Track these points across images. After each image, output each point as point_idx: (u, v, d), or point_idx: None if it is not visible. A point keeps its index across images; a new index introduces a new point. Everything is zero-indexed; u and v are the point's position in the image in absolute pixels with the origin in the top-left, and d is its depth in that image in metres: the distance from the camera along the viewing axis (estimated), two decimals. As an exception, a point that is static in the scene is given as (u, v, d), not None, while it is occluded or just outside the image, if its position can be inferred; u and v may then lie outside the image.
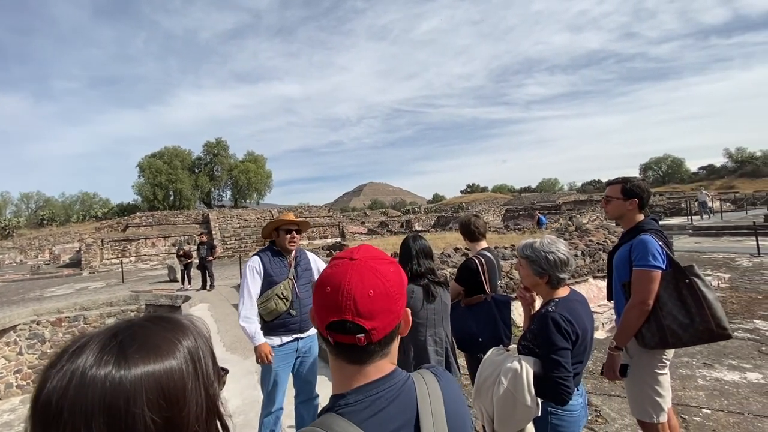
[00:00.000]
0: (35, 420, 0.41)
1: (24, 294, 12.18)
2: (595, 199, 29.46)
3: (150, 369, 0.45)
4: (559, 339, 1.58)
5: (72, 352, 0.45)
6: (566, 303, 1.69)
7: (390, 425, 0.67)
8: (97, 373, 0.43)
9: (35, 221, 38.08)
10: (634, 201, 2.21)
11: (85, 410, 0.41)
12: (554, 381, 1.56)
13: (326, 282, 0.70)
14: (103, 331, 0.49)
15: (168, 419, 0.45)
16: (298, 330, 2.79)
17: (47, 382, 0.42)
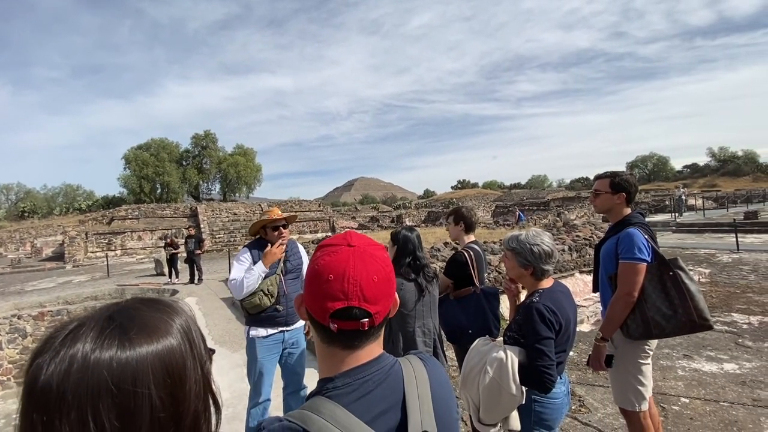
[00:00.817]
0: (34, 407, 0.41)
1: (4, 288, 11.90)
2: (583, 196, 29.93)
3: (153, 349, 0.47)
4: (543, 329, 1.62)
5: (65, 337, 0.45)
6: (550, 294, 1.73)
7: (377, 408, 0.67)
8: (101, 356, 0.44)
9: (15, 214, 37.14)
10: (622, 195, 2.25)
11: (91, 393, 0.42)
12: (538, 369, 1.59)
13: (327, 270, 0.69)
14: (94, 316, 0.48)
15: (172, 396, 0.47)
16: (284, 323, 2.79)
17: (42, 368, 0.42)
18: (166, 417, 0.46)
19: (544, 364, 1.59)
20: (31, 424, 0.41)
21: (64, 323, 0.48)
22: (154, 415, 0.45)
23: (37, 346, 0.45)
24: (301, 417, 0.64)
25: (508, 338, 1.77)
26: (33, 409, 0.41)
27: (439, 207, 40.62)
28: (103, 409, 0.42)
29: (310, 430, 0.62)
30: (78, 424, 0.41)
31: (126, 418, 0.43)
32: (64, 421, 0.41)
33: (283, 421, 0.65)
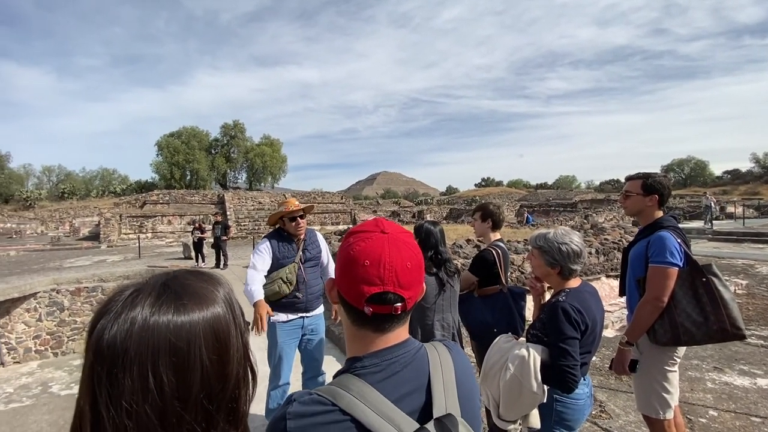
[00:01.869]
0: (100, 362, 0.46)
1: (44, 263, 12.63)
2: (613, 199, 28.91)
3: (203, 315, 0.51)
4: (568, 328, 1.59)
5: (125, 301, 0.49)
6: (577, 294, 1.70)
7: (403, 388, 0.69)
8: (159, 319, 0.48)
9: (56, 194, 39.18)
10: (654, 197, 2.17)
11: (151, 350, 0.46)
12: (561, 369, 1.58)
13: (363, 255, 0.70)
14: (149, 283, 0.53)
15: (219, 358, 0.51)
16: (304, 309, 2.86)
17: (106, 328, 0.47)
18: (214, 377, 0.50)
19: (568, 364, 1.57)
20: (96, 376, 0.45)
21: (122, 288, 0.52)
22: (204, 374, 0.49)
23: (100, 309, 0.50)
24: (331, 392, 0.67)
25: (531, 336, 1.75)
26: (98, 364, 0.46)
27: (461, 204, 40.21)
28: (161, 365, 0.46)
29: (339, 405, 0.64)
30: (139, 377, 0.45)
31: (180, 374, 0.47)
32: (127, 374, 0.45)
33: (313, 395, 0.67)
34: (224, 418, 0.52)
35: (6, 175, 36.35)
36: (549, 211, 25.80)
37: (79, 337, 9.33)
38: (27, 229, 24.83)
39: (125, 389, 0.45)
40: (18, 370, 8.51)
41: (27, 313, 9.00)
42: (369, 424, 0.63)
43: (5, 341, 8.69)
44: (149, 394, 0.45)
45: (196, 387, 0.48)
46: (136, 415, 0.45)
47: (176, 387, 0.47)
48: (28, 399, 7.24)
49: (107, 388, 0.45)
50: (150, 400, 0.45)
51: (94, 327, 0.48)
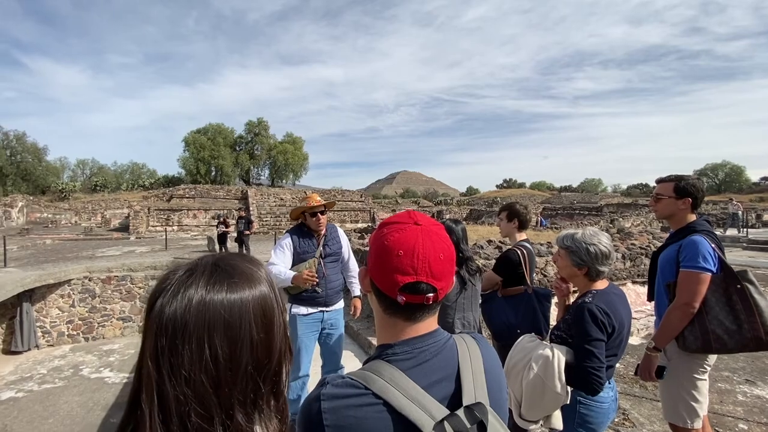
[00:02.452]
0: (161, 334, 0.50)
1: (78, 252, 13.21)
2: (641, 203, 27.97)
3: (252, 293, 0.55)
4: (594, 330, 1.57)
5: (180, 280, 0.54)
6: (604, 295, 1.66)
7: (433, 376, 0.70)
8: (214, 296, 0.52)
9: (89, 186, 40.87)
10: (687, 200, 2.10)
11: (207, 325, 0.51)
12: (586, 371, 1.55)
13: (397, 246, 0.72)
14: (201, 263, 0.57)
15: (266, 334, 0.55)
16: (324, 304, 2.90)
17: (166, 305, 0.51)
18: (262, 350, 0.54)
19: (593, 366, 1.54)
20: (159, 348, 0.50)
21: (175, 268, 0.57)
22: (253, 347, 0.53)
23: (157, 287, 0.54)
24: (363, 376, 0.69)
25: (555, 337, 1.73)
26: (160, 336, 0.50)
27: (482, 205, 39.73)
28: (216, 337, 0.51)
29: (372, 389, 0.66)
30: (197, 348, 0.50)
31: (233, 346, 0.52)
32: (186, 346, 0.50)
33: (345, 378, 0.69)
34: (269, 390, 0.55)
35: (43, 168, 38.14)
36: (573, 215, 25.20)
37: (108, 323, 9.73)
38: (62, 219, 26.02)
39: (184, 359, 0.49)
40: (51, 353, 8.95)
41: (61, 298, 9.45)
42: (400, 408, 0.64)
43: (40, 325, 9.15)
44: (205, 363, 0.49)
45: (246, 358, 0.52)
46: (193, 383, 0.49)
47: (229, 358, 0.51)
48: (60, 381, 7.60)
49: (169, 359, 0.49)
50: (206, 369, 0.49)
51: (153, 304, 0.53)
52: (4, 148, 35.91)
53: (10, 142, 36.73)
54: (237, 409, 0.51)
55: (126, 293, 9.89)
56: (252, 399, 0.53)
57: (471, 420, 0.64)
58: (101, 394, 7.03)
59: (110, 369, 8.10)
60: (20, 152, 37.00)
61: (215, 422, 0.49)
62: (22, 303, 8.67)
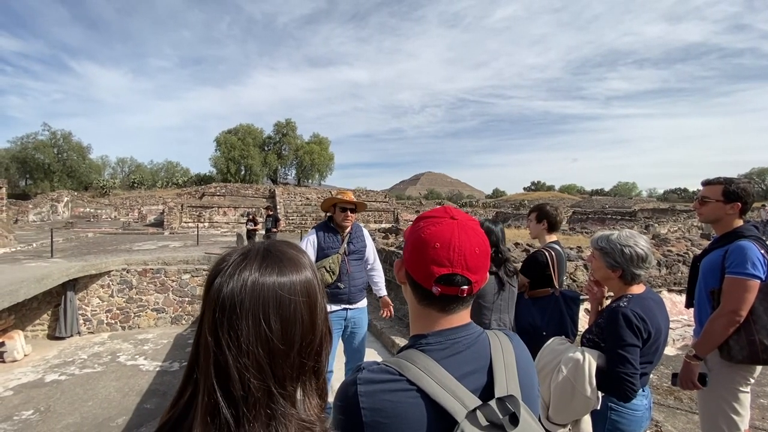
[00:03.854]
0: (220, 310, 0.55)
1: (117, 245, 13.90)
2: (679, 209, 26.65)
3: (299, 277, 0.60)
4: (629, 335, 1.52)
5: (235, 264, 0.59)
6: (640, 300, 1.61)
7: (465, 367, 0.72)
8: (267, 278, 0.57)
9: (128, 184, 42.96)
10: (736, 205, 1.98)
11: (262, 303, 0.56)
12: (619, 376, 1.51)
13: (433, 239, 0.74)
14: (254, 249, 0.62)
15: (311, 314, 0.60)
16: (347, 301, 2.93)
17: (224, 284, 0.56)
18: (308, 328, 0.59)
19: (627, 372, 1.50)
20: (218, 321, 0.55)
21: (230, 252, 0.62)
22: (302, 324, 0.58)
23: (214, 269, 0.60)
24: (398, 364, 0.71)
25: (586, 341, 1.69)
26: (219, 312, 0.55)
27: (508, 208, 38.96)
28: (270, 315, 0.56)
29: (406, 375, 0.68)
30: (253, 324, 0.55)
31: (284, 323, 0.57)
32: (243, 321, 0.54)
33: (381, 365, 0.71)
34: (312, 367, 0.60)
35: (87, 165, 40.37)
36: (605, 219, 24.32)
37: (144, 314, 10.19)
38: (102, 214, 27.45)
39: (242, 333, 0.54)
40: (91, 340, 9.46)
41: (101, 288, 9.97)
42: (434, 395, 0.66)
43: (82, 312, 9.70)
44: (260, 337, 0.54)
45: (296, 335, 0.57)
46: (251, 355, 0.54)
47: (281, 334, 0.56)
48: (99, 366, 8.03)
49: (228, 333, 0.54)
50: (261, 342, 0.54)
51: (211, 284, 0.58)
52: (52, 147, 38.26)
53: (58, 141, 39.08)
54: (288, 381, 0.56)
55: (160, 285, 10.32)
56: (299, 373, 0.58)
57: (503, 411, 0.65)
58: (136, 380, 7.37)
59: (144, 357, 8.48)
60: (66, 150, 39.30)
61: (272, 391, 0.54)
62: (66, 292, 9.21)
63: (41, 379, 7.35)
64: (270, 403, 0.54)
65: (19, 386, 7.03)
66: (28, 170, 37.67)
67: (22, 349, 8.20)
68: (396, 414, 0.66)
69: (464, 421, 0.63)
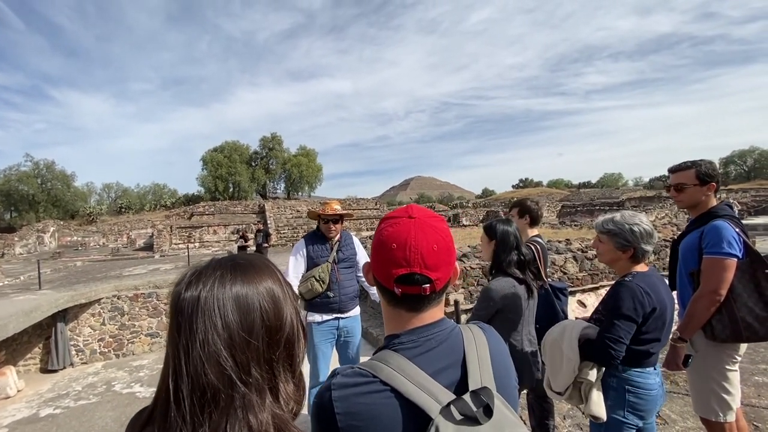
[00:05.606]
0: (180, 314, 0.58)
1: (106, 272, 13.67)
2: (665, 196, 27.12)
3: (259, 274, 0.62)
4: (626, 306, 1.56)
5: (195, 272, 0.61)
6: (645, 277, 1.65)
7: (439, 363, 0.72)
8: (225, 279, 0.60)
9: (115, 209, 42.33)
10: (711, 185, 2.04)
11: (218, 300, 0.58)
12: (602, 340, 1.56)
13: (390, 239, 0.75)
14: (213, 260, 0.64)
15: (274, 303, 0.61)
16: (338, 310, 2.92)
17: (181, 292, 0.59)
18: (271, 315, 0.60)
19: (611, 337, 1.54)
20: (177, 325, 0.57)
21: (191, 267, 0.64)
22: (263, 312, 0.59)
23: (177, 281, 0.62)
24: (371, 365, 0.71)
25: (594, 321, 1.74)
26: (178, 316, 0.57)
27: (498, 207, 39.23)
28: (227, 307, 0.57)
29: (380, 376, 0.69)
30: (209, 318, 0.56)
31: (243, 312, 0.58)
32: (200, 317, 0.56)
33: (354, 368, 0.72)
34: (284, 359, 0.61)
35: (72, 193, 39.70)
36: (593, 211, 24.60)
37: (137, 340, 10.00)
38: (90, 241, 26.98)
39: (198, 328, 0.56)
40: (85, 370, 9.24)
41: (92, 317, 9.78)
42: (408, 394, 0.66)
43: (74, 343, 9.49)
44: (217, 328, 0.56)
45: (255, 321, 0.58)
46: (207, 346, 0.55)
47: (239, 323, 0.57)
48: (95, 397, 7.84)
49: (186, 333, 0.56)
50: (218, 331, 0.56)
51: (173, 293, 0.60)
52: (35, 177, 37.61)
53: (41, 171, 38.42)
54: (253, 366, 0.57)
55: (153, 309, 10.16)
56: (267, 359, 0.58)
57: (477, 404, 0.65)
58: (133, 408, 7.16)
59: (140, 384, 8.31)
60: (50, 180, 38.63)
61: (233, 378, 0.55)
62: (56, 323, 9.02)
63: (36, 415, 7.15)
64: (232, 392, 0.54)
65: (13, 423, 6.83)
66: (12, 202, 36.93)
67: (14, 385, 7.98)
68: (371, 416, 0.66)
69: (438, 416, 0.63)
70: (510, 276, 2.01)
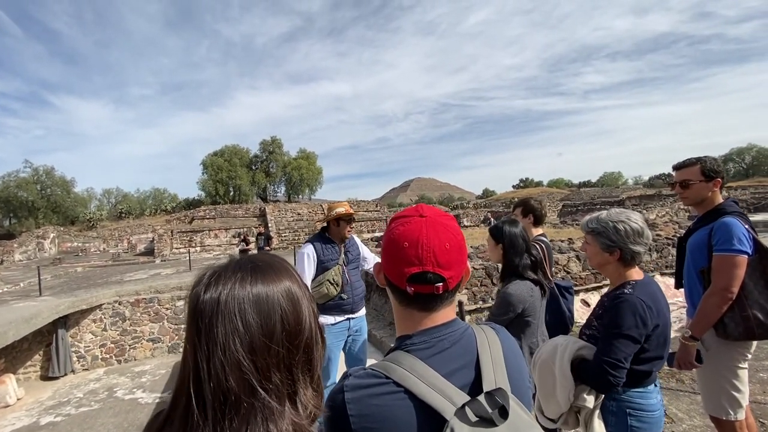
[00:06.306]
0: (199, 317, 0.56)
1: (107, 278, 13.64)
2: (665, 194, 27.14)
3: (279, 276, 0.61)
4: (628, 324, 1.39)
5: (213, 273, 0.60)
6: (645, 286, 1.48)
7: (452, 364, 0.71)
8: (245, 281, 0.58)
9: (115, 214, 42.27)
10: (717, 181, 2.01)
11: (238, 303, 0.56)
12: (600, 365, 1.40)
13: (402, 238, 0.74)
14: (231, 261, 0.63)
15: (294, 305, 0.60)
16: (350, 311, 2.93)
17: (200, 294, 0.57)
18: (291, 319, 0.58)
19: (610, 361, 1.38)
20: (197, 329, 0.56)
21: (208, 267, 0.62)
22: (283, 315, 0.58)
23: (194, 282, 0.60)
24: (384, 366, 0.70)
25: (587, 337, 1.58)
26: (197, 319, 0.56)
27: (499, 207, 39.24)
28: (247, 311, 0.56)
29: (393, 378, 0.67)
30: (230, 322, 0.55)
31: (263, 315, 0.56)
32: (220, 321, 0.55)
33: (367, 369, 0.71)
34: (303, 364, 0.59)
35: (72, 199, 39.71)
36: (594, 210, 24.57)
37: (139, 345, 9.98)
38: (91, 247, 26.96)
39: (219, 332, 0.54)
40: (86, 377, 9.21)
41: (93, 323, 9.75)
42: (421, 395, 0.65)
43: (75, 350, 9.45)
44: (238, 333, 0.54)
45: (276, 325, 0.57)
46: (228, 351, 0.53)
47: (260, 327, 0.56)
48: (96, 403, 7.81)
49: (206, 336, 0.54)
50: (239, 336, 0.54)
51: (191, 294, 0.59)
52: (35, 183, 37.63)
53: (40, 177, 38.45)
54: (274, 373, 0.56)
55: (154, 315, 10.14)
56: (286, 365, 0.57)
57: (492, 405, 0.64)
58: (135, 415, 7.18)
59: (143, 390, 8.28)
60: (50, 186, 38.65)
61: (253, 384, 0.54)
62: (57, 329, 8.99)
63: (36, 423, 7.12)
64: (253, 399, 0.53)
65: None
66: (11, 209, 36.94)
67: (14, 393, 7.95)
68: (384, 418, 0.65)
69: (453, 418, 0.62)
70: (526, 279, 1.99)
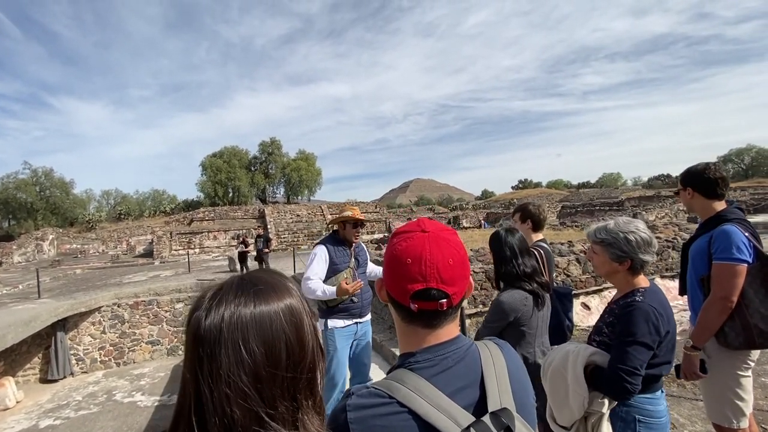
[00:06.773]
0: (200, 345, 0.54)
1: (106, 280, 13.61)
2: (664, 195, 27.17)
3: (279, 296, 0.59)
4: (642, 331, 1.41)
5: (212, 297, 0.58)
6: (654, 294, 1.50)
7: (457, 383, 0.70)
8: (245, 305, 0.56)
9: (114, 215, 42.19)
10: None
11: (241, 329, 0.54)
12: (617, 373, 1.41)
13: (405, 254, 0.73)
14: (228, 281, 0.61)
15: (297, 331, 0.58)
16: (359, 315, 2.92)
17: (201, 320, 0.55)
18: (295, 346, 0.57)
19: (628, 369, 1.39)
20: (198, 358, 0.53)
21: (207, 288, 0.61)
22: (287, 343, 0.56)
23: (193, 307, 0.58)
24: (387, 385, 0.69)
25: (596, 343, 1.58)
26: (198, 347, 0.54)
27: (498, 208, 39.25)
28: (250, 339, 0.54)
29: (396, 397, 0.66)
30: (233, 351, 0.53)
31: (267, 345, 0.55)
32: (223, 351, 0.53)
33: (370, 388, 0.69)
34: (306, 386, 0.58)
35: (71, 201, 39.59)
36: (593, 211, 24.60)
37: (138, 348, 9.95)
38: (90, 248, 26.89)
39: (222, 362, 0.52)
40: (85, 380, 9.18)
41: (92, 326, 9.73)
42: (426, 416, 0.64)
43: (74, 352, 9.43)
44: (242, 364, 0.53)
45: (281, 354, 0.56)
46: (233, 383, 0.52)
47: (264, 357, 0.54)
48: (95, 406, 7.78)
49: (208, 365, 0.52)
50: (244, 367, 0.53)
51: (191, 320, 0.57)
52: (33, 185, 37.55)
53: (39, 179, 38.36)
54: (279, 402, 0.54)
55: (153, 317, 10.11)
56: (291, 394, 0.56)
57: (497, 426, 0.63)
58: (134, 418, 7.16)
59: (142, 393, 8.26)
60: (49, 187, 38.55)
61: (260, 414, 0.52)
62: (56, 332, 8.96)
63: (35, 426, 7.10)
64: (260, 429, 0.52)
65: (12, 435, 6.77)
66: (10, 210, 36.82)
67: (13, 395, 7.92)
68: None
69: None
70: (520, 288, 1.99)
